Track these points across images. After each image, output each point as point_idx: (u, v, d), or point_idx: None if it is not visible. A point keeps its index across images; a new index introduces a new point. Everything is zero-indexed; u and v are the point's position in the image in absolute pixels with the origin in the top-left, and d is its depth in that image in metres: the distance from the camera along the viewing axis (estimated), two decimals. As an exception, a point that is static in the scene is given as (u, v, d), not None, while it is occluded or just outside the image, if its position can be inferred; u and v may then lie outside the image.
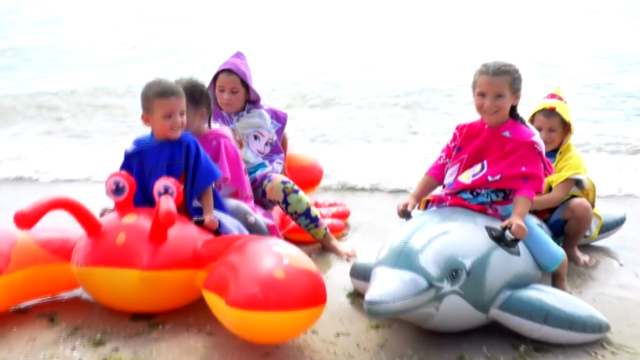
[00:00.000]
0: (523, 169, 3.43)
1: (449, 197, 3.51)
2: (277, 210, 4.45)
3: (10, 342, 3.13)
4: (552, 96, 4.31)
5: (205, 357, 3.01)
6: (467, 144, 3.58)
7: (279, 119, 4.57)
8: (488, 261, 3.12)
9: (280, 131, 4.57)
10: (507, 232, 3.24)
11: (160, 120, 3.50)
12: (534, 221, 3.64)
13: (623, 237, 4.57)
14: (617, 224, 4.54)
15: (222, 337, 3.15)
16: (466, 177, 3.51)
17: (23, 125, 8.65)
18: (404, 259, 2.98)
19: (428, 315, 3.01)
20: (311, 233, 4.28)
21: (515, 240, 3.25)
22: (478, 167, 3.51)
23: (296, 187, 4.28)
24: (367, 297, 2.82)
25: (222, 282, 3.02)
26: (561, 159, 4.23)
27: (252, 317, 2.84)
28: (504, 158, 3.46)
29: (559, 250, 3.51)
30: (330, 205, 4.99)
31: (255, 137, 4.40)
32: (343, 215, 4.88)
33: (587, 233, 4.34)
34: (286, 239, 4.22)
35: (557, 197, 4.18)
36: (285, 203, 4.21)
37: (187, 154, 3.58)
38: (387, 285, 2.86)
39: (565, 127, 4.24)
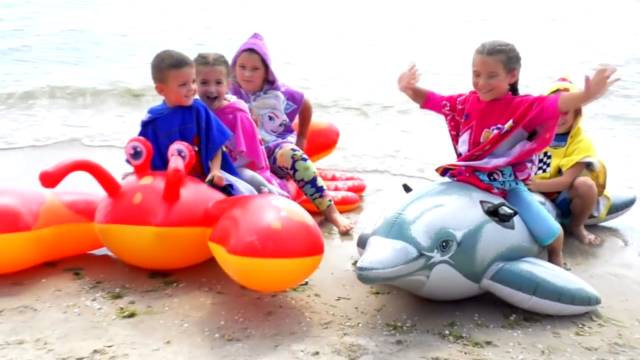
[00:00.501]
0: (534, 105, 3.53)
1: (467, 174, 3.64)
2: (292, 182, 4.64)
3: (38, 291, 3.41)
4: (563, 80, 4.41)
5: (213, 312, 3.24)
6: (473, 111, 3.70)
7: (295, 100, 4.73)
8: (480, 234, 3.27)
9: (295, 112, 4.73)
10: (503, 207, 3.39)
11: (175, 89, 3.72)
12: (533, 197, 3.76)
13: (633, 218, 4.67)
14: (627, 205, 4.62)
15: (230, 295, 3.38)
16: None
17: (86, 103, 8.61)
18: (396, 229, 3.15)
19: (419, 282, 3.18)
20: (316, 203, 4.44)
21: (509, 215, 3.39)
22: (495, 130, 3.61)
23: (305, 155, 4.46)
24: (359, 263, 3.02)
25: (224, 233, 3.25)
26: (572, 142, 4.34)
27: (250, 264, 3.07)
28: (513, 113, 3.57)
29: (555, 225, 3.63)
30: (347, 179, 5.17)
31: (270, 118, 4.58)
32: (358, 189, 5.05)
33: (595, 214, 4.45)
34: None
35: (567, 181, 4.29)
36: (293, 169, 4.40)
37: (197, 118, 3.81)
38: (379, 253, 3.05)
39: (576, 110, 4.34)
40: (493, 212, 3.39)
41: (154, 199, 3.50)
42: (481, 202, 3.43)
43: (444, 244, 3.16)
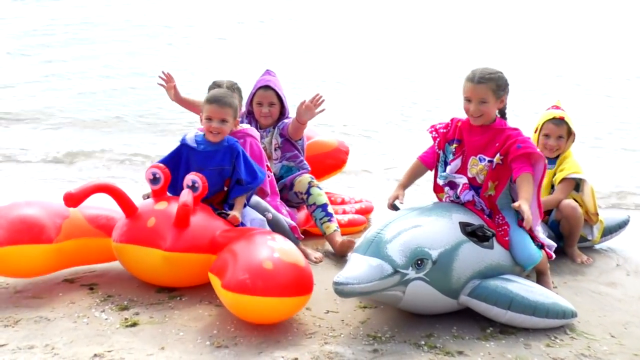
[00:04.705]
0: (519, 146, 3.72)
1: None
2: (302, 212, 4.88)
3: (54, 304, 3.74)
4: (556, 107, 4.61)
5: (208, 323, 3.53)
6: (465, 137, 3.88)
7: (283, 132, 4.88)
8: (456, 253, 3.48)
9: (286, 132, 4.85)
10: (481, 229, 3.59)
11: (204, 121, 4.10)
12: (516, 223, 3.85)
13: (628, 239, 4.81)
14: (620, 226, 4.76)
15: (227, 309, 3.65)
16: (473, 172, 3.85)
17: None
18: (374, 247, 3.40)
19: (395, 297, 3.41)
20: (323, 227, 4.61)
21: (487, 237, 3.59)
22: (479, 166, 3.82)
23: (321, 185, 4.75)
24: (335, 278, 3.27)
25: (222, 267, 3.53)
26: (560, 164, 4.51)
27: (241, 300, 3.35)
28: (501, 146, 3.77)
29: (537, 253, 3.77)
30: (356, 202, 5.41)
31: (275, 149, 4.86)
32: (366, 211, 5.29)
33: (590, 237, 4.60)
34: (307, 233, 4.71)
35: (558, 198, 4.46)
36: (307, 194, 4.65)
37: (234, 160, 4.10)
38: (355, 270, 3.30)
39: (570, 137, 4.53)
40: (472, 233, 3.59)
41: (165, 224, 3.80)
42: (460, 223, 3.63)
43: (419, 262, 3.39)
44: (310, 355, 3.19)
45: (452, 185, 3.91)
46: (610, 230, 4.71)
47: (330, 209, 4.69)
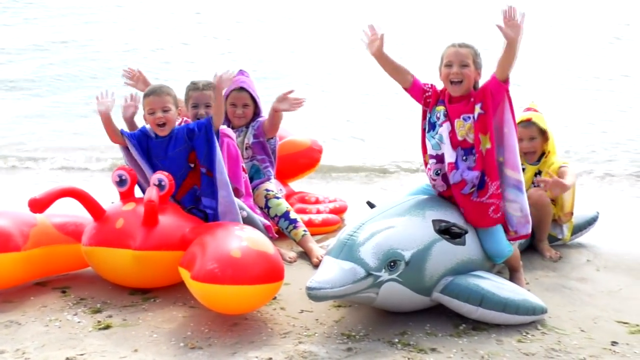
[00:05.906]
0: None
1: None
2: None
3: (25, 307, 3.71)
4: (528, 109, 4.66)
5: (182, 324, 3.52)
6: (447, 105, 3.81)
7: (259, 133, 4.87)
8: (429, 252, 3.51)
9: (260, 132, 4.85)
10: (454, 227, 3.62)
11: (146, 116, 4.09)
12: None
13: (599, 236, 4.87)
14: (589, 223, 4.82)
15: (201, 310, 3.65)
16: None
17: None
18: (346, 250, 3.41)
19: (369, 298, 3.43)
20: (291, 235, 4.61)
21: (460, 234, 3.62)
22: (466, 125, 3.76)
23: (278, 195, 4.73)
24: (308, 283, 3.27)
25: (190, 259, 3.54)
26: (544, 162, 4.55)
27: (211, 290, 3.36)
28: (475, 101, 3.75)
29: (507, 247, 3.82)
30: (330, 201, 5.42)
31: (246, 148, 4.86)
32: (340, 211, 5.30)
33: (560, 236, 4.66)
34: (281, 232, 4.68)
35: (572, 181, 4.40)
36: (267, 207, 4.66)
37: (187, 135, 4.09)
38: (328, 274, 3.31)
39: (544, 136, 4.57)
40: (444, 231, 3.62)
41: (134, 224, 3.80)
42: (433, 221, 3.66)
43: (392, 263, 3.41)
44: (285, 355, 3.20)
45: (440, 159, 3.81)
46: (580, 228, 4.76)
47: (292, 214, 4.69)
